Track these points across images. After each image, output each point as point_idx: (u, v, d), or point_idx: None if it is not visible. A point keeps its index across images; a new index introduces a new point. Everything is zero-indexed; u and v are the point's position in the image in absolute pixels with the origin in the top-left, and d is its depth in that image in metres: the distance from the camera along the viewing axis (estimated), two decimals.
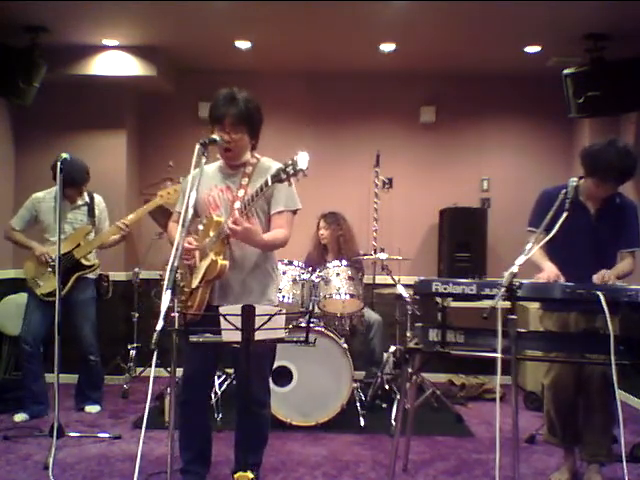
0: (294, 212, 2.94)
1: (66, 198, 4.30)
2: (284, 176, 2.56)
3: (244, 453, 2.95)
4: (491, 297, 2.66)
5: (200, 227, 2.94)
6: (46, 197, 4.34)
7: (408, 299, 4.37)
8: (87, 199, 4.44)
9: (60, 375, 3.44)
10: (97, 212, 4.45)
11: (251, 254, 2.86)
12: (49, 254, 4.19)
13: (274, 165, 2.86)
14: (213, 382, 3.99)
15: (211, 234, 2.80)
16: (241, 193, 2.83)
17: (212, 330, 2.38)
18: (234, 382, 4.58)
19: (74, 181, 4.24)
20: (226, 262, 2.77)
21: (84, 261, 4.33)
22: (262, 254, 2.90)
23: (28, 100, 4.71)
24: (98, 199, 4.50)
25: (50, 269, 4.20)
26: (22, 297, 5.09)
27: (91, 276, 4.44)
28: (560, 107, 4.85)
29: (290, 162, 2.54)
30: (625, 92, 4.49)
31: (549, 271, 3.02)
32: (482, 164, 5.83)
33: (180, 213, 2.95)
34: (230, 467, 3.35)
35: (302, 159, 2.52)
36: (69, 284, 4.26)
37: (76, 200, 4.39)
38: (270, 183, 2.60)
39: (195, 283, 2.82)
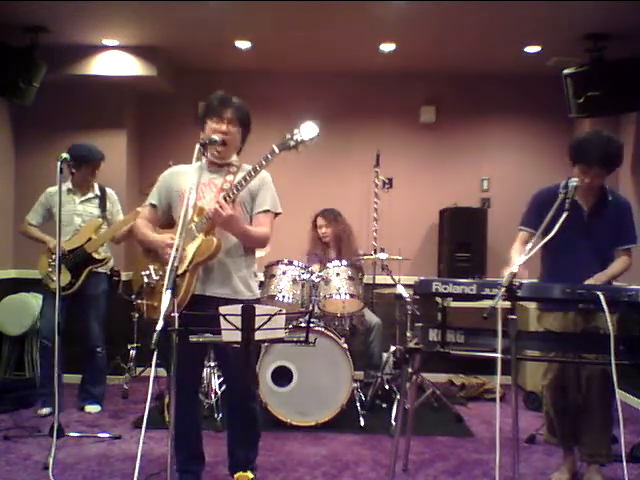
0: (276, 215, 2.96)
1: (77, 186, 4.36)
2: (292, 143, 2.66)
3: (239, 450, 2.99)
4: (491, 297, 2.66)
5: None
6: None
7: (408, 299, 4.37)
8: (98, 192, 4.45)
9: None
10: (109, 205, 4.47)
11: (232, 241, 2.84)
12: (62, 249, 4.18)
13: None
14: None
15: (195, 219, 2.77)
16: (227, 186, 2.82)
17: (210, 330, 2.38)
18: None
19: (92, 156, 4.28)
20: (220, 241, 2.76)
21: (95, 255, 4.33)
22: (243, 246, 2.88)
23: (28, 100, 4.71)
24: (110, 192, 4.52)
25: (62, 264, 4.17)
26: (22, 297, 5.12)
27: (103, 270, 4.44)
28: (560, 107, 4.85)
29: (296, 130, 2.65)
30: (625, 92, 4.48)
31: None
32: (482, 164, 5.83)
33: (150, 206, 2.99)
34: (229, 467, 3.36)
35: (309, 128, 2.64)
36: (81, 278, 4.27)
37: (87, 191, 4.41)
38: (277, 151, 2.69)
39: (182, 268, 2.71)
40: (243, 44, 5.05)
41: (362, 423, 4.14)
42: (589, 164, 3.08)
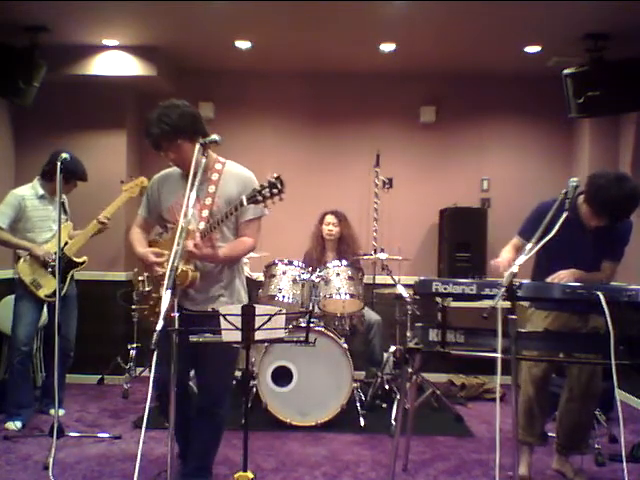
0: (260, 218, 2.90)
1: (50, 192, 4.22)
2: (260, 198, 2.53)
3: (195, 455, 2.97)
4: (491, 297, 2.66)
5: (160, 234, 3.08)
6: (29, 194, 4.21)
7: (408, 299, 4.37)
8: (63, 198, 4.30)
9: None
10: (66, 208, 4.39)
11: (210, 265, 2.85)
12: (49, 253, 4.15)
13: (241, 171, 2.89)
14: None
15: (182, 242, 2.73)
16: (208, 201, 2.80)
17: (210, 330, 2.40)
18: (234, 382, 4.61)
19: (82, 178, 4.22)
20: (197, 273, 2.78)
21: (75, 258, 4.30)
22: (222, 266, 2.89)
23: (28, 100, 4.71)
24: (64, 197, 4.35)
25: (50, 269, 4.15)
26: None
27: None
28: (560, 107, 4.85)
29: (267, 184, 2.51)
30: (625, 92, 4.48)
31: (503, 259, 3.13)
32: (482, 164, 5.83)
33: (141, 216, 3.06)
34: (229, 467, 3.36)
35: (278, 182, 2.50)
36: (67, 282, 4.22)
37: (56, 197, 4.16)
38: (246, 204, 2.59)
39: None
40: (243, 44, 5.05)
41: (362, 423, 4.14)
42: (600, 214, 3.03)
